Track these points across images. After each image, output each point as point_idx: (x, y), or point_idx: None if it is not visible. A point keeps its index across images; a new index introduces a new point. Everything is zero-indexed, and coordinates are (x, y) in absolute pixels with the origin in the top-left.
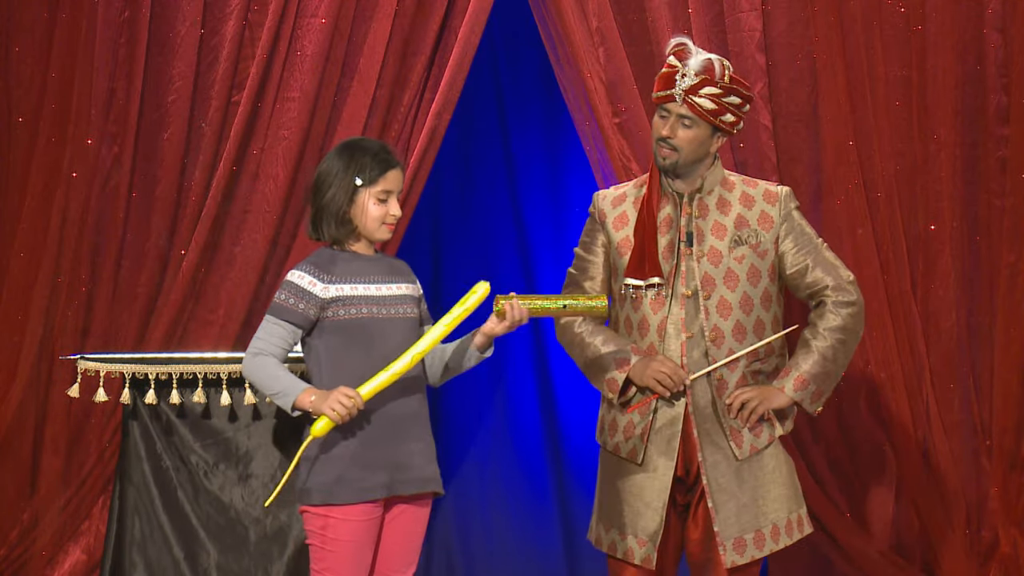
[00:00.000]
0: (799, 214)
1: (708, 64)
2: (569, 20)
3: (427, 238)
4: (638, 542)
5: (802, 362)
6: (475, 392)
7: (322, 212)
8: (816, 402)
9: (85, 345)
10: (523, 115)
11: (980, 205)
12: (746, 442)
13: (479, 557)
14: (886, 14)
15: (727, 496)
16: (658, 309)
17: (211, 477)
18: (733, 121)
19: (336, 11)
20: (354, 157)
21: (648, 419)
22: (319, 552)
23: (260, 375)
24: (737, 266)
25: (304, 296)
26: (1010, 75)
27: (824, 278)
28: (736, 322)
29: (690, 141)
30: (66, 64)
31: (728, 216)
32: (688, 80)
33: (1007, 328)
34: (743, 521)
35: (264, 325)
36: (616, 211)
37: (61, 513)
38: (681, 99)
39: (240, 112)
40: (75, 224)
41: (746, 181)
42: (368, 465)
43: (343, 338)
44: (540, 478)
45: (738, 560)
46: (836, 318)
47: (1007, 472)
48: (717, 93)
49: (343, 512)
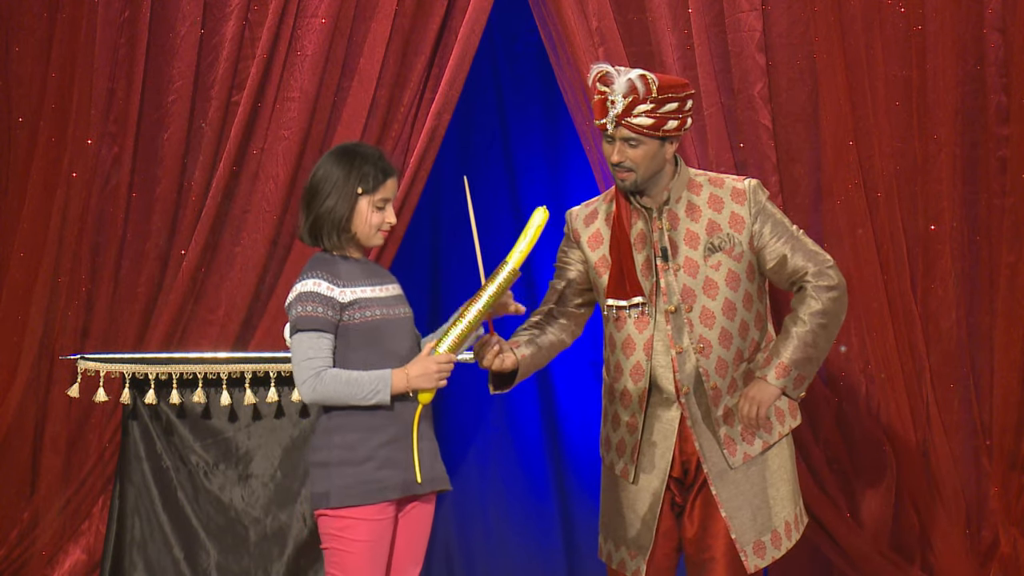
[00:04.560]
0: (771, 204)
1: (631, 85)
2: (569, 20)
3: (427, 238)
4: (630, 554)
5: (782, 349)
6: (475, 392)
7: (322, 220)
8: (799, 388)
9: (85, 345)
10: (523, 115)
11: (980, 205)
12: (739, 451)
13: (479, 557)
14: (886, 14)
15: (741, 501)
16: (643, 328)
17: (211, 477)
18: (678, 125)
19: (336, 11)
20: (355, 165)
21: (637, 438)
22: (338, 555)
23: (337, 389)
24: (714, 274)
25: (328, 303)
26: (1010, 75)
27: (805, 264)
28: (721, 329)
29: (642, 158)
30: (66, 64)
31: (699, 223)
32: (618, 106)
33: (1007, 328)
34: (759, 524)
35: (303, 342)
36: (589, 230)
37: (61, 513)
38: (615, 125)
39: (240, 112)
40: (75, 224)
41: (712, 180)
42: (385, 465)
43: (359, 340)
44: (540, 478)
45: (760, 563)
46: (816, 302)
47: (1007, 472)
48: (650, 108)
49: (362, 512)
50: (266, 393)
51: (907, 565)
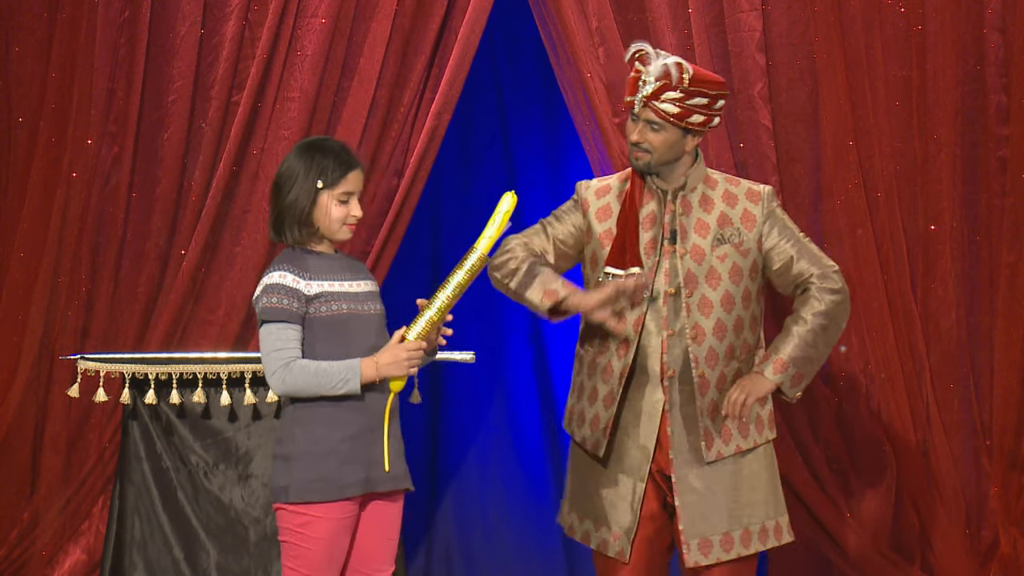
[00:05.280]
0: (781, 211)
1: (665, 70)
2: (569, 20)
3: (427, 238)
4: (612, 535)
5: (782, 346)
6: (475, 392)
7: (284, 214)
8: (796, 387)
9: (85, 345)
10: (523, 115)
11: (980, 205)
12: (715, 447)
13: (479, 557)
14: (886, 14)
15: (696, 496)
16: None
17: (211, 477)
18: (703, 120)
19: (336, 11)
20: (315, 159)
21: (611, 413)
22: (295, 549)
23: (307, 380)
24: (719, 264)
25: (293, 295)
26: (1010, 75)
27: (810, 268)
28: (717, 320)
29: (660, 144)
30: (66, 64)
31: (711, 214)
32: (648, 87)
33: (1007, 328)
34: (711, 522)
35: (271, 333)
36: (600, 202)
37: (61, 513)
38: (642, 105)
39: (240, 112)
40: (75, 224)
41: (728, 179)
42: (347, 462)
43: (324, 334)
44: (540, 478)
45: (702, 560)
46: (819, 304)
47: (1007, 472)
48: (679, 97)
49: (322, 510)
50: (266, 393)
51: (907, 565)
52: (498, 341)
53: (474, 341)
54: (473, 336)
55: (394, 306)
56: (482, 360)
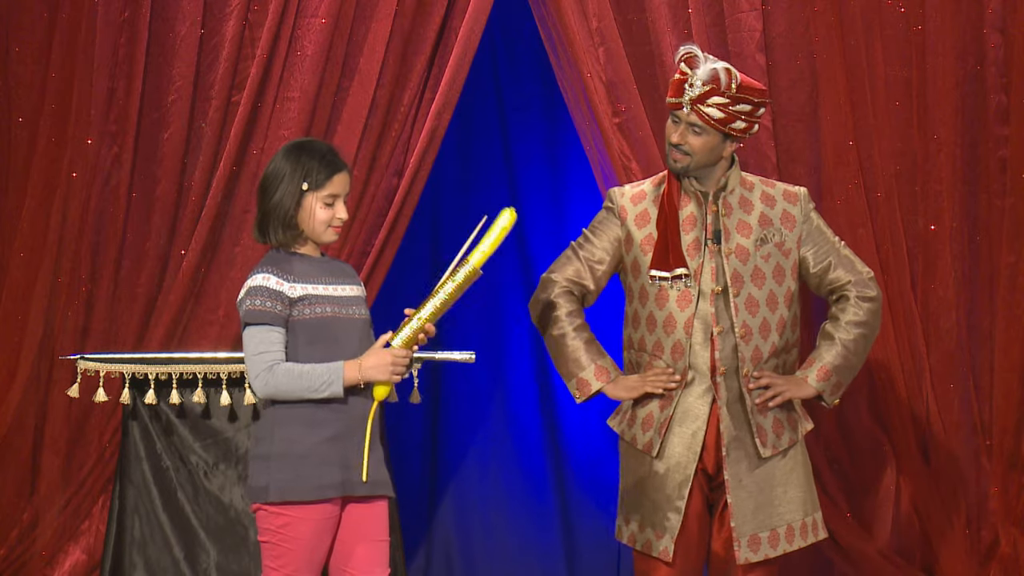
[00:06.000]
0: (817, 215)
1: (714, 74)
2: (569, 20)
3: (427, 238)
4: (655, 534)
5: (825, 353)
6: (475, 392)
7: (269, 215)
8: (835, 394)
9: (85, 345)
10: (523, 115)
11: (980, 205)
12: (770, 441)
13: (479, 557)
14: (886, 14)
15: (746, 493)
16: (685, 306)
17: (211, 477)
18: (745, 127)
19: (336, 11)
20: (301, 160)
21: (668, 413)
22: (275, 549)
23: (289, 382)
24: (764, 264)
25: (277, 297)
26: (1010, 75)
27: (846, 275)
28: (763, 319)
29: (701, 147)
30: (66, 64)
31: (751, 215)
32: (695, 90)
33: (1007, 328)
34: (759, 519)
35: (254, 336)
36: (637, 208)
37: (61, 513)
38: (689, 108)
39: (240, 112)
40: (75, 224)
41: (764, 181)
42: (324, 463)
43: (307, 337)
44: (540, 478)
45: (752, 557)
46: (859, 312)
47: (1007, 472)
48: (724, 103)
49: (303, 511)
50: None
51: (907, 565)
52: (498, 341)
53: (474, 341)
54: (473, 336)
55: (394, 306)
56: (482, 360)
